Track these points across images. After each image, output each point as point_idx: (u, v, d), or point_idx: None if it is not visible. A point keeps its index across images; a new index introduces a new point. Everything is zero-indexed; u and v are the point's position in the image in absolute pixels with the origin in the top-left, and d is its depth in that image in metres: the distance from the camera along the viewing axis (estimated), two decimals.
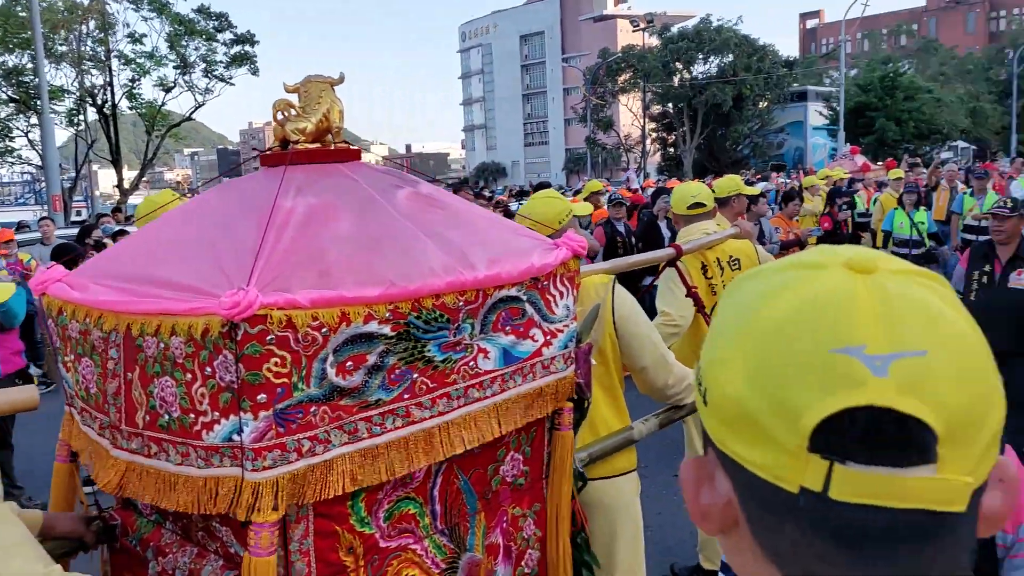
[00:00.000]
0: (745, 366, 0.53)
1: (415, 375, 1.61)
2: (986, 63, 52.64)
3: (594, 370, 2.04)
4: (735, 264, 3.73)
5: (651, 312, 3.06)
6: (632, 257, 2.95)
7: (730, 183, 5.62)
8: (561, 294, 1.91)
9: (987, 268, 4.98)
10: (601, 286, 2.63)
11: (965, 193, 10.48)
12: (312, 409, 1.48)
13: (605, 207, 9.21)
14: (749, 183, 18.38)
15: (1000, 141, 44.45)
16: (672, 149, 45.11)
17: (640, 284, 4.58)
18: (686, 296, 3.31)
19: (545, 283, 1.86)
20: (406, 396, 1.60)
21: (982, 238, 6.51)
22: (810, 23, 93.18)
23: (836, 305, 0.51)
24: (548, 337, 1.88)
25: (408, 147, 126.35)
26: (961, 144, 43.13)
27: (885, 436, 0.48)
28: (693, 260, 3.57)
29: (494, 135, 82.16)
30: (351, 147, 1.94)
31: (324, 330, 1.47)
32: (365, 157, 2.02)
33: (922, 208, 9.11)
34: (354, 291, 1.51)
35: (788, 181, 18.80)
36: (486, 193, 23.41)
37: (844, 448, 0.49)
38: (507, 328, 1.78)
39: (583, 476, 2.12)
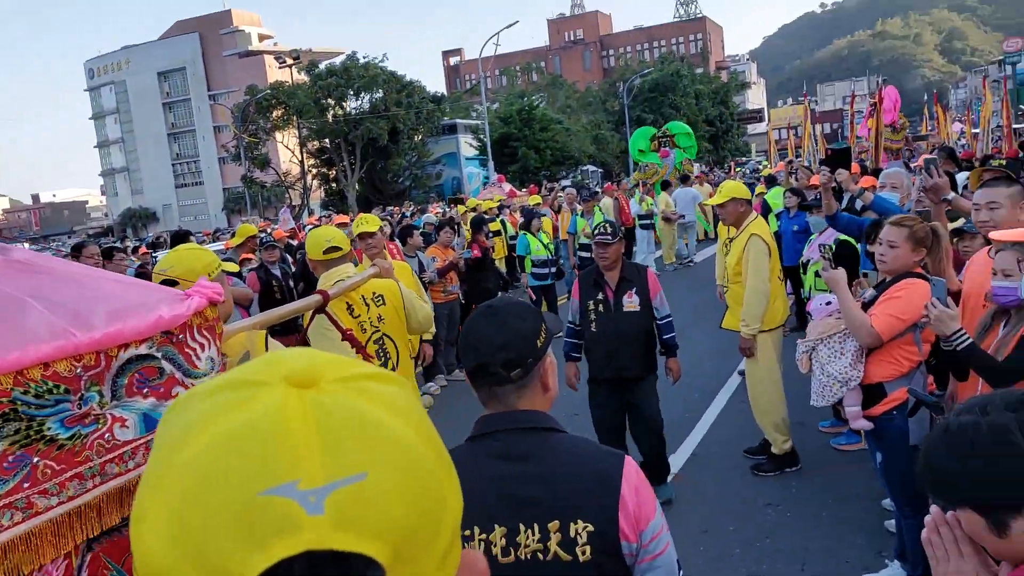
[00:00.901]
0: (166, 521, 0.44)
1: (35, 459, 1.38)
2: (602, 96, 60.19)
3: None
4: (379, 300, 3.78)
5: None
6: (278, 309, 2.81)
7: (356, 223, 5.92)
8: (202, 346, 1.75)
9: (600, 296, 5.02)
10: (252, 333, 2.49)
11: (576, 214, 11.69)
12: None
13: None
14: (412, 215, 19.08)
15: (621, 163, 51.00)
16: (335, 184, 45.16)
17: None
18: (343, 340, 3.27)
19: (181, 336, 1.69)
20: (26, 485, 1.37)
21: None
22: (453, 60, 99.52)
23: (266, 435, 0.44)
24: None
25: (35, 197, 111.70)
26: (591, 168, 48.79)
27: None
28: (338, 302, 3.55)
29: (139, 178, 75.87)
30: None
31: None
32: None
33: (540, 231, 10.15)
34: None
35: (448, 211, 19.78)
36: (128, 244, 21.28)
37: None
38: (145, 390, 1.59)
39: None
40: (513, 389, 1.65)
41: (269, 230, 15.73)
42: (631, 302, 4.98)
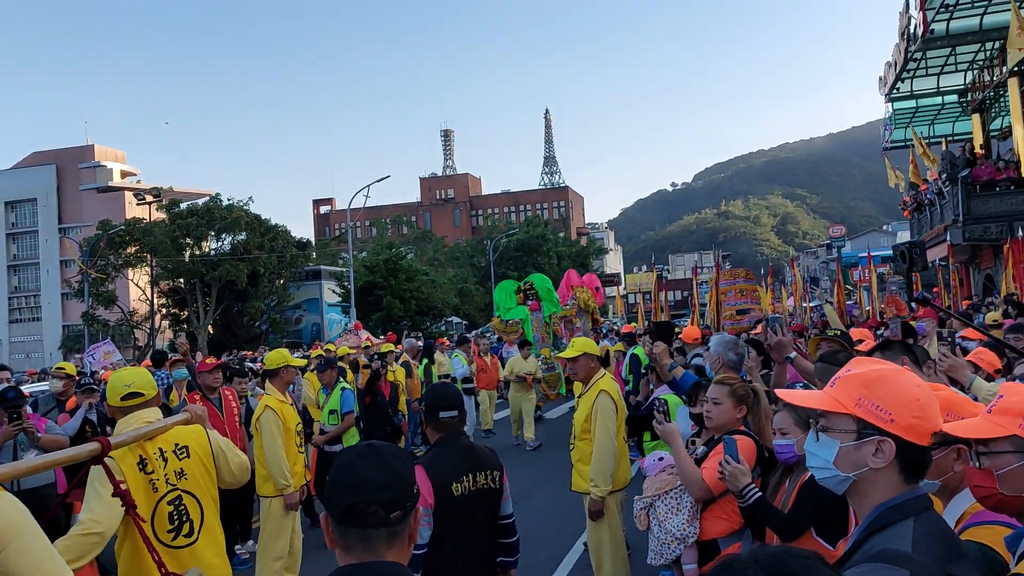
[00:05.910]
0: None
1: None
2: (470, 251, 61.81)
3: None
4: (182, 452, 3.32)
5: None
6: (39, 458, 2.42)
7: (278, 356, 6.25)
8: None
9: None
10: None
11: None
12: None
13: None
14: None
15: (485, 316, 51.69)
16: (186, 325, 43.16)
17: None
18: (113, 496, 2.83)
19: None
20: None
21: None
22: (323, 208, 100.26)
23: None
24: None
25: None
26: (455, 319, 49.20)
27: None
28: (128, 455, 3.11)
29: None
30: None
31: None
32: None
33: None
34: None
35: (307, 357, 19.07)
36: None
37: None
38: None
39: None
40: (386, 535, 1.56)
41: (100, 371, 14.60)
42: None
